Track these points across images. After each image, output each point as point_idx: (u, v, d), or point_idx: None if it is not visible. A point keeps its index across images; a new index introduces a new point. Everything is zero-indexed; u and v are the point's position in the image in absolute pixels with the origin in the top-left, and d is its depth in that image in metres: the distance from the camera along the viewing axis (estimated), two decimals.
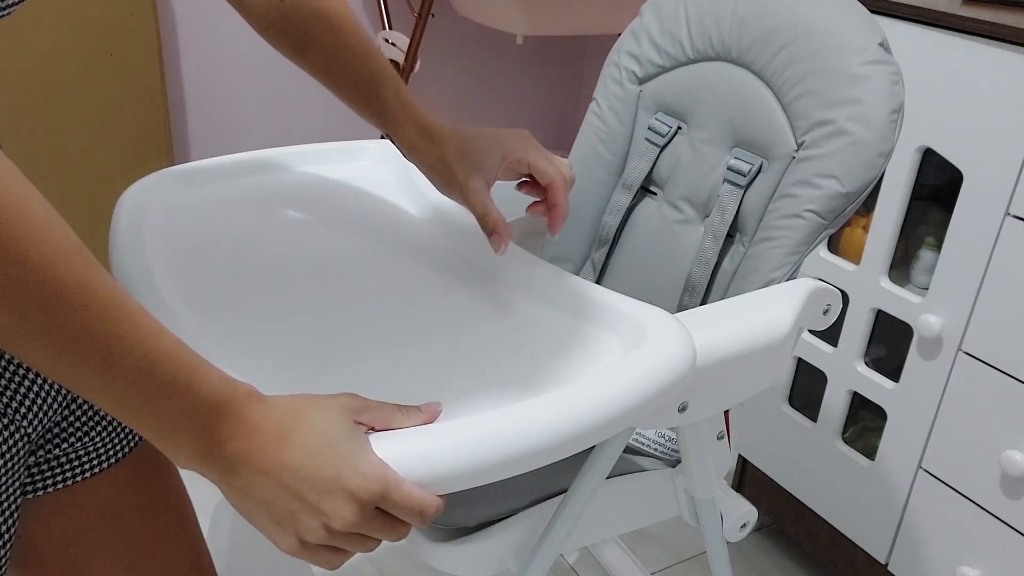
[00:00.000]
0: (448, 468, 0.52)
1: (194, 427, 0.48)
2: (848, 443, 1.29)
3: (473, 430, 0.54)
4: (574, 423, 0.57)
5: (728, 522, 0.87)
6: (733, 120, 0.93)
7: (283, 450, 0.49)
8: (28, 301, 0.42)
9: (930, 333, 1.11)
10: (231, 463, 0.49)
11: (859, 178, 0.82)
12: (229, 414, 0.49)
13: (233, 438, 0.49)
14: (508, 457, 0.54)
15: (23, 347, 0.43)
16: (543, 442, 0.55)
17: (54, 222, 0.44)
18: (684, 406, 0.73)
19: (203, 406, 0.48)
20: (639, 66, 1.01)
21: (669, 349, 0.66)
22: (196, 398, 0.48)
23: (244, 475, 0.50)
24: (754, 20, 0.91)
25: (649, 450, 0.88)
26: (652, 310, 0.72)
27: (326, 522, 0.49)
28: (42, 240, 0.42)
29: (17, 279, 0.41)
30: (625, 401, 0.61)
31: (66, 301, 0.43)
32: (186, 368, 0.48)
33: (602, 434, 0.60)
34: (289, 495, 0.49)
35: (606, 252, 1.03)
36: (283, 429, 0.50)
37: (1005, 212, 1.02)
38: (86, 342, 0.44)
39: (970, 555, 1.13)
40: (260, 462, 0.49)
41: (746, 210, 0.90)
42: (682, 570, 1.45)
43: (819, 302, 0.82)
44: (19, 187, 0.42)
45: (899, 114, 0.82)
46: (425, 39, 1.92)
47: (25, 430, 0.61)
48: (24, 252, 0.41)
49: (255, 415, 0.50)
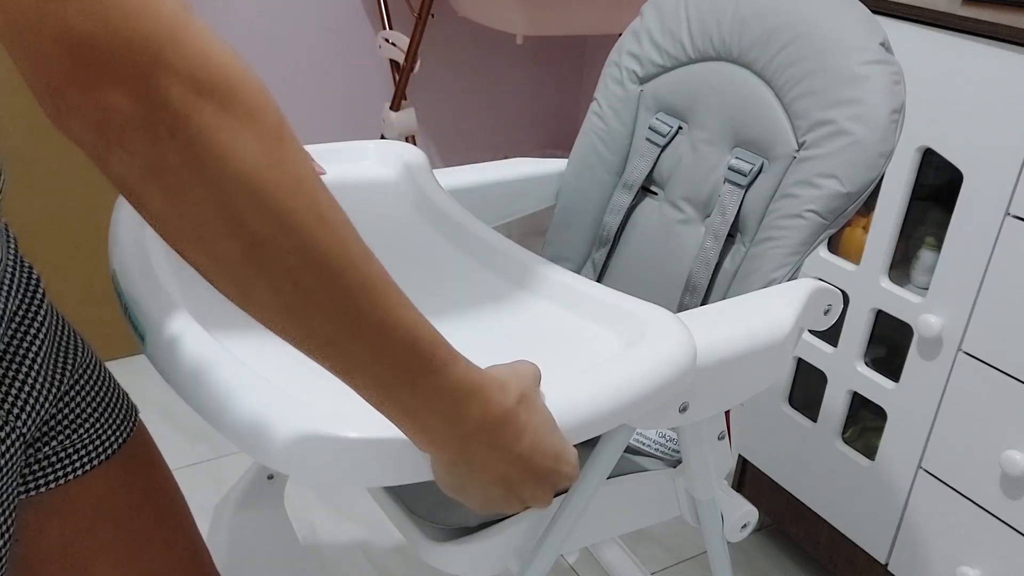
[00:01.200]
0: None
1: (446, 408, 0.50)
2: (848, 443, 1.29)
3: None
4: (575, 414, 0.59)
5: (729, 522, 0.87)
6: (734, 120, 0.93)
7: (521, 439, 0.54)
8: (329, 260, 0.43)
9: (930, 333, 1.11)
10: (474, 446, 0.53)
11: (860, 178, 0.82)
12: (479, 399, 0.51)
13: (481, 422, 0.52)
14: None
15: (314, 313, 0.44)
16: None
17: (337, 205, 0.45)
18: (685, 406, 0.73)
19: (457, 388, 0.50)
20: (640, 66, 1.01)
21: (669, 347, 0.67)
22: (451, 379, 0.50)
23: (482, 458, 0.53)
24: (755, 20, 0.91)
25: (650, 450, 0.88)
26: (653, 308, 0.72)
27: (539, 493, 0.58)
28: (335, 206, 0.44)
29: (323, 240, 0.43)
30: (623, 396, 0.62)
31: (355, 265, 0.45)
32: (442, 348, 0.50)
33: (598, 428, 0.61)
34: (520, 475, 0.55)
35: (607, 252, 1.03)
36: (518, 418, 0.54)
37: (1005, 212, 1.02)
38: (367, 315, 0.45)
39: (970, 555, 1.13)
40: (501, 448, 0.54)
41: (747, 210, 0.90)
42: (682, 570, 1.45)
43: (820, 302, 0.82)
44: (325, 192, 0.44)
45: (900, 114, 0.82)
46: (425, 39, 1.91)
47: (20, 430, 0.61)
48: (326, 215, 0.43)
49: (498, 402, 0.53)
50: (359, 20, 2.13)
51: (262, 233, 0.41)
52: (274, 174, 0.41)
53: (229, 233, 0.40)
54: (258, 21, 2.00)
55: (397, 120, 1.96)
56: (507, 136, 2.49)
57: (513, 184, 1.06)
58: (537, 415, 0.56)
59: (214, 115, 0.38)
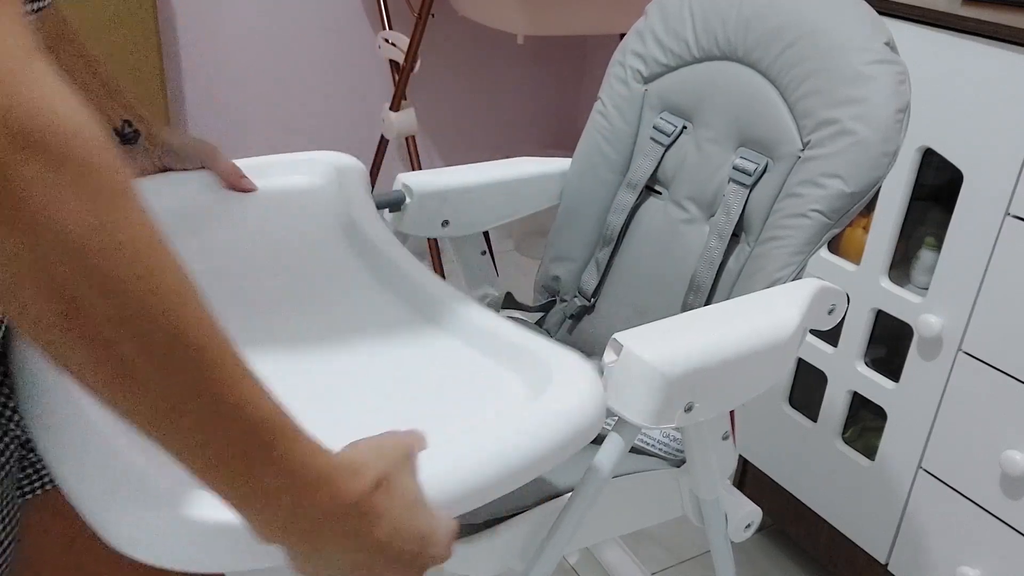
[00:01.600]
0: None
1: (289, 497, 0.46)
2: (848, 443, 1.29)
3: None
4: (457, 485, 0.55)
5: (732, 522, 0.87)
6: (739, 119, 0.93)
7: (377, 526, 0.49)
8: (155, 332, 0.40)
9: (930, 333, 1.11)
10: (324, 537, 0.48)
11: (864, 178, 0.82)
12: (327, 487, 0.47)
13: (329, 512, 0.48)
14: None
15: (135, 387, 0.40)
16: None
17: (182, 263, 0.42)
18: (690, 406, 0.73)
19: (301, 476, 0.46)
20: (644, 65, 1.02)
21: (577, 401, 0.61)
22: (295, 466, 0.45)
23: (334, 549, 0.49)
24: (759, 19, 0.91)
25: (654, 450, 0.88)
26: (564, 354, 0.68)
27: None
28: (173, 273, 0.41)
29: (148, 309, 0.39)
30: (515, 461, 0.57)
31: (187, 338, 0.40)
32: (287, 431, 0.45)
33: (488, 495, 0.57)
34: (381, 563, 0.51)
35: (610, 251, 1.03)
36: (375, 505, 0.49)
37: (1005, 212, 1.02)
38: (199, 393, 0.41)
39: (970, 555, 1.14)
40: (355, 538, 0.49)
41: (751, 210, 0.91)
42: (683, 570, 1.45)
43: (824, 302, 0.82)
44: (155, 225, 0.41)
45: (905, 114, 0.82)
46: (425, 39, 1.91)
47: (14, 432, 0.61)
48: (157, 283, 0.40)
49: (350, 489, 0.48)
50: (359, 20, 2.13)
51: (81, 298, 0.37)
52: (101, 238, 0.37)
53: (45, 295, 0.37)
54: (258, 21, 2.00)
55: (397, 120, 1.96)
56: (507, 136, 2.49)
57: (516, 184, 1.06)
58: (399, 499, 0.51)
59: (39, 170, 0.35)
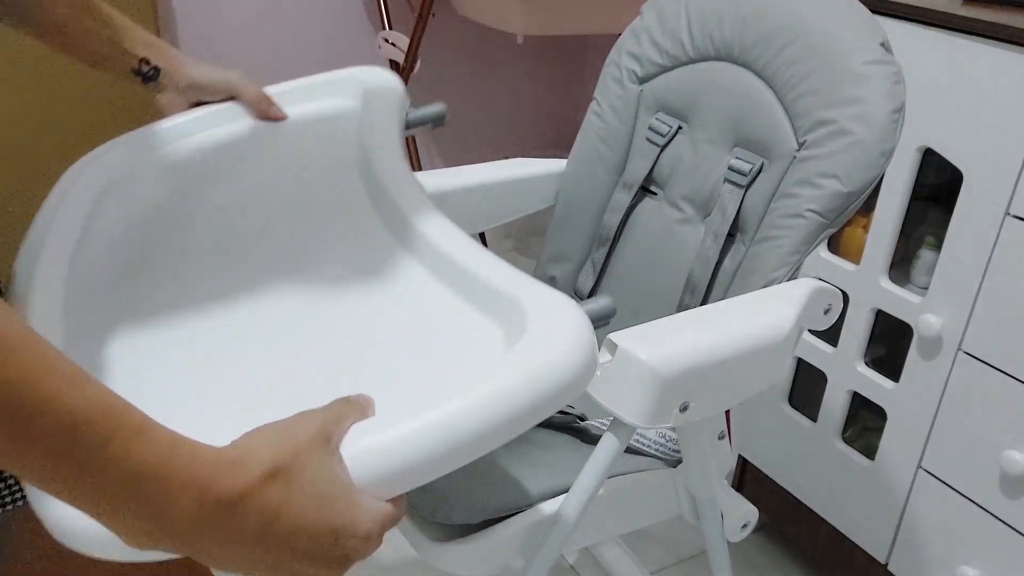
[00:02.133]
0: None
1: (138, 506, 0.40)
2: (848, 443, 1.29)
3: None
4: (400, 459, 0.50)
5: (729, 522, 0.87)
6: (734, 120, 0.93)
7: (273, 523, 0.44)
8: None
9: (930, 333, 1.11)
10: (201, 542, 0.43)
11: (860, 178, 0.82)
12: (191, 488, 0.41)
13: (199, 516, 0.42)
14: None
15: None
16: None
17: None
18: (686, 406, 0.73)
19: (153, 478, 0.40)
20: (640, 65, 1.01)
21: (553, 355, 0.55)
22: (142, 468, 0.40)
23: (220, 552, 0.43)
24: (756, 20, 0.91)
25: (650, 450, 0.88)
26: (544, 294, 0.61)
27: (323, 573, 0.47)
28: None
29: None
30: (468, 431, 0.51)
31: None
32: (125, 429, 0.40)
33: (439, 469, 0.51)
34: (288, 559, 0.45)
35: (606, 251, 1.03)
36: (264, 501, 0.43)
37: (1005, 212, 1.02)
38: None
39: (970, 555, 1.13)
40: (240, 541, 0.43)
41: (747, 210, 0.90)
42: (682, 569, 1.45)
43: (820, 302, 0.82)
44: None
45: (900, 114, 0.82)
46: (425, 39, 1.92)
47: None
48: None
49: (224, 487, 0.42)
50: (359, 20, 2.13)
51: None
52: None
53: None
54: (258, 21, 2.00)
55: None
56: (507, 136, 2.49)
57: (513, 184, 1.06)
58: (302, 489, 0.44)
59: None
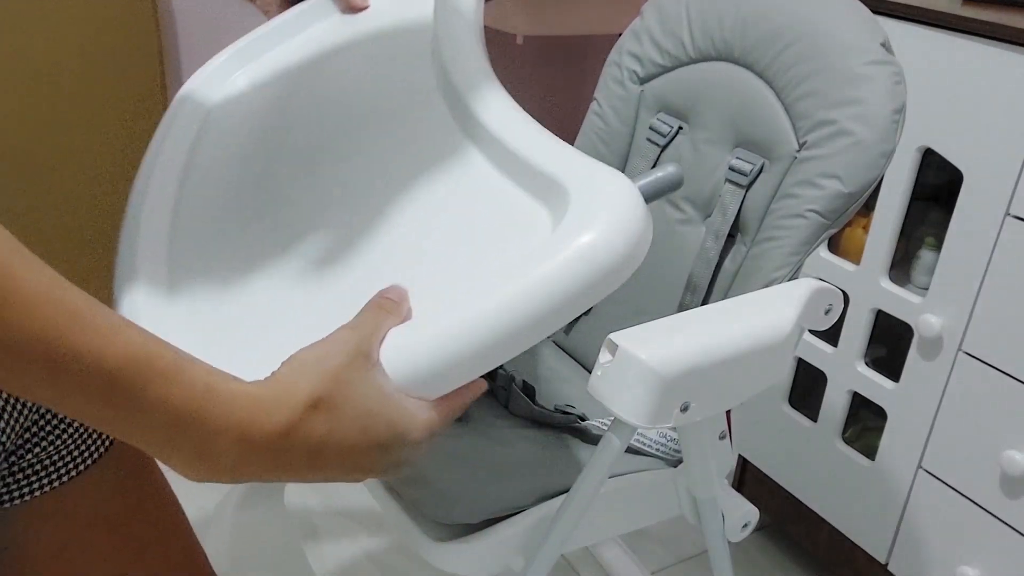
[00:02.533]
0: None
1: (188, 446, 0.42)
2: (848, 443, 1.29)
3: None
4: (444, 359, 0.51)
5: (730, 522, 0.87)
6: (735, 120, 0.93)
7: (320, 454, 0.45)
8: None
9: (930, 333, 1.11)
10: (254, 473, 0.44)
11: (861, 178, 0.82)
12: (232, 431, 0.43)
13: (242, 456, 0.43)
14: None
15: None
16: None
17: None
18: (686, 406, 0.73)
19: (195, 421, 0.42)
20: (640, 66, 1.02)
21: (595, 237, 0.55)
22: (181, 412, 0.41)
23: (276, 477, 0.45)
24: (757, 20, 0.91)
25: (651, 450, 0.88)
26: (591, 169, 0.59)
27: (379, 469, 0.49)
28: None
29: None
30: (507, 325, 0.51)
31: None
32: (161, 373, 0.41)
33: (481, 366, 0.52)
34: (341, 471, 0.47)
35: None
36: (309, 433, 0.44)
37: (1005, 212, 1.02)
38: (23, 346, 0.37)
39: (970, 555, 1.14)
40: (289, 469, 0.45)
41: (748, 210, 0.91)
42: (682, 569, 1.45)
43: (821, 302, 0.82)
44: None
45: (901, 114, 0.82)
46: None
47: None
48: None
49: (268, 423, 0.44)
50: None
51: None
52: None
53: None
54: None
55: None
56: None
57: None
58: (346, 412, 0.46)
59: None
